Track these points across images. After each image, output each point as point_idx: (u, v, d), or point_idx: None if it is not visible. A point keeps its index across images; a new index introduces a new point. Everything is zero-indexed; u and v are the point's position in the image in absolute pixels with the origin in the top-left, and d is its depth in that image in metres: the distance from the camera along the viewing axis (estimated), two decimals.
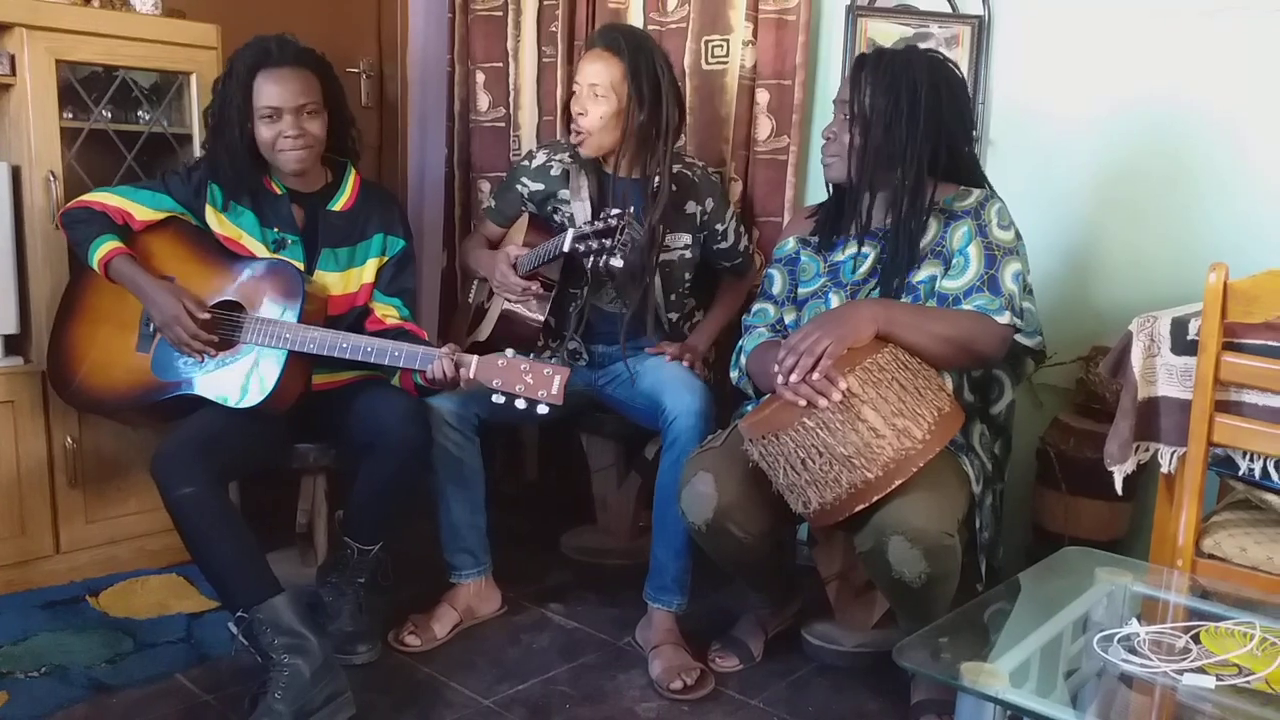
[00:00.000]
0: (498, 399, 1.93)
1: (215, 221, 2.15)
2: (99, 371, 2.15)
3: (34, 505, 2.32)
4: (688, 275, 2.43)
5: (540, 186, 2.39)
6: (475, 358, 1.96)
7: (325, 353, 2.01)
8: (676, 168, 2.31)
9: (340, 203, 2.21)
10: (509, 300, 2.31)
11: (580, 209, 2.31)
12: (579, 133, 2.24)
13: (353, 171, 2.25)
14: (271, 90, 2.06)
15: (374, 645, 2.12)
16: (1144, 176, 2.29)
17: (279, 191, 2.16)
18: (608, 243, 2.05)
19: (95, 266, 2.05)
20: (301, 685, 1.77)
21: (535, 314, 2.31)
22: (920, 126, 1.84)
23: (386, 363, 2.01)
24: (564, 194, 2.36)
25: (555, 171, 2.38)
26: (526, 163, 2.43)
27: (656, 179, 2.27)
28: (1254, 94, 2.14)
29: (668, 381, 2.21)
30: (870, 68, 1.87)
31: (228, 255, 2.14)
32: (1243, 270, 1.65)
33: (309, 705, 1.77)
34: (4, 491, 2.28)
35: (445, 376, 1.96)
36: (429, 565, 2.34)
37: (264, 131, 2.08)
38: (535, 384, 1.90)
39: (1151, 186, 2.29)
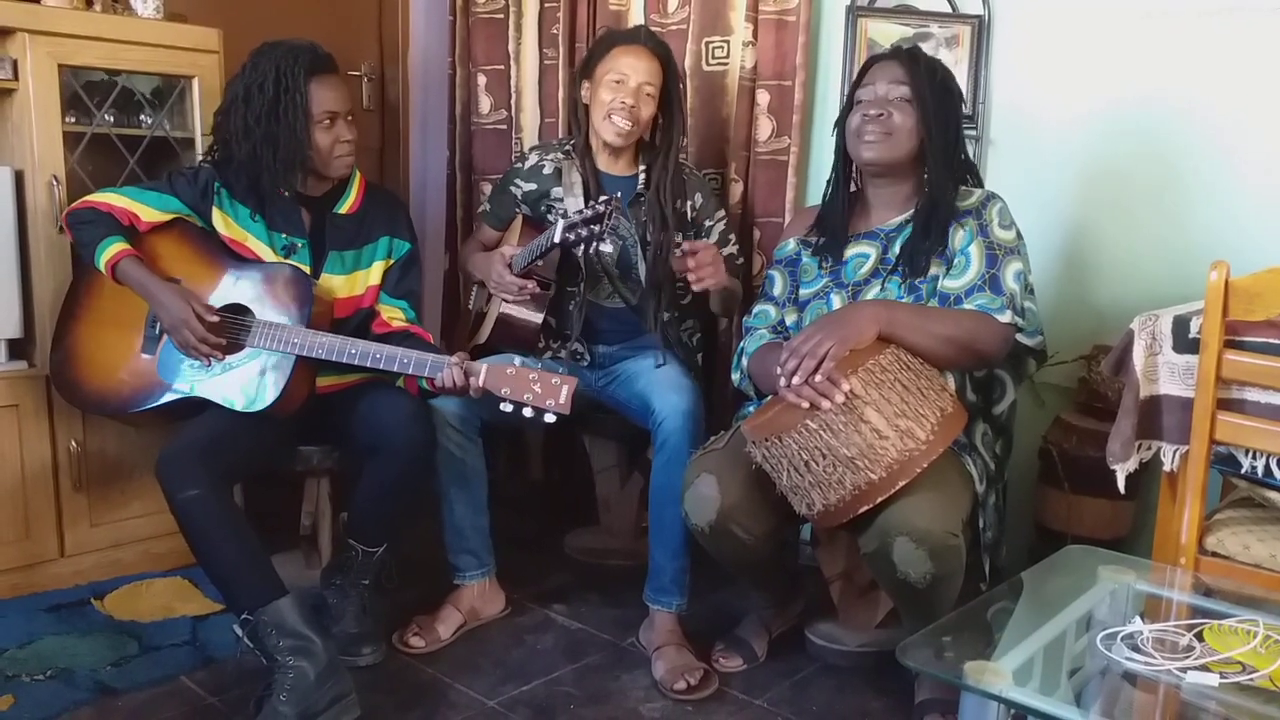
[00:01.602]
0: (505, 407, 1.93)
1: (222, 223, 2.15)
2: (103, 374, 2.16)
3: (39, 509, 2.33)
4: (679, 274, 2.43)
5: (534, 186, 2.41)
6: (485, 366, 1.95)
7: (333, 358, 2.01)
8: (669, 167, 2.34)
9: (346, 205, 2.22)
10: (506, 301, 2.32)
11: (574, 204, 2.33)
12: (630, 122, 2.26)
13: (358, 174, 2.26)
14: (329, 95, 2.09)
15: (378, 647, 2.12)
16: (1145, 175, 2.29)
17: (287, 194, 2.15)
18: (596, 229, 2.06)
19: (102, 268, 2.04)
20: (306, 687, 1.78)
21: (533, 316, 2.31)
22: (960, 124, 1.95)
23: (396, 369, 2.01)
24: (557, 191, 2.37)
25: (548, 170, 2.39)
26: (520, 165, 2.45)
27: (645, 178, 2.33)
28: (1254, 93, 2.14)
29: (657, 383, 2.22)
30: (925, 62, 1.92)
31: (234, 258, 2.14)
32: (1244, 268, 1.65)
33: (314, 707, 1.77)
34: (9, 495, 2.28)
35: (455, 385, 1.96)
36: (433, 567, 2.34)
37: (322, 137, 2.09)
38: (543, 393, 1.90)
39: (1152, 185, 2.29)
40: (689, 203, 2.38)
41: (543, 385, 1.91)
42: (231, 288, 2.11)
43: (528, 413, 1.91)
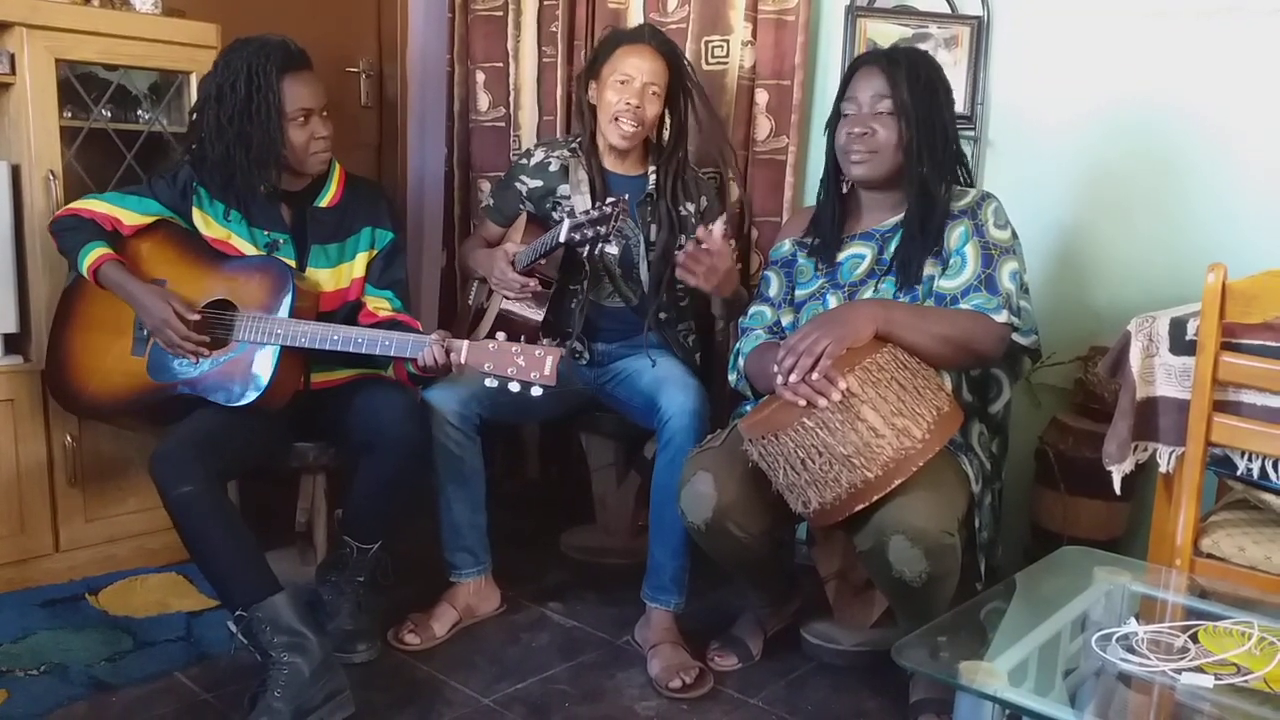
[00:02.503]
0: (490, 383, 1.92)
1: (202, 223, 2.14)
2: (96, 377, 2.15)
3: (33, 504, 2.32)
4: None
5: (539, 183, 2.40)
6: (466, 342, 1.96)
7: (317, 346, 2.01)
8: (676, 169, 2.35)
9: (327, 199, 2.21)
10: (507, 299, 2.32)
11: (581, 202, 2.33)
12: (635, 124, 2.27)
13: (337, 166, 2.25)
14: (303, 92, 2.08)
15: (373, 644, 2.12)
16: (1143, 177, 2.30)
17: (266, 190, 2.14)
18: (602, 230, 2.06)
19: (85, 273, 2.05)
20: (301, 684, 1.77)
21: (533, 313, 2.31)
22: (948, 124, 1.91)
23: (378, 352, 2.01)
24: (563, 189, 2.37)
25: (554, 168, 2.39)
26: (525, 161, 2.45)
27: (654, 178, 2.33)
28: (1251, 94, 2.15)
29: (663, 381, 2.22)
30: (904, 65, 1.90)
31: (217, 255, 2.14)
32: (1241, 271, 1.65)
33: (308, 704, 1.77)
34: (3, 490, 2.28)
35: (437, 363, 1.96)
36: (428, 564, 2.34)
37: (296, 134, 2.08)
38: (527, 365, 1.90)
39: (1150, 187, 2.29)
40: (694, 205, 2.38)
41: (526, 358, 1.90)
42: (216, 285, 2.11)
43: (514, 387, 1.91)
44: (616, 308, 2.38)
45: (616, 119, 2.26)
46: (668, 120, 2.37)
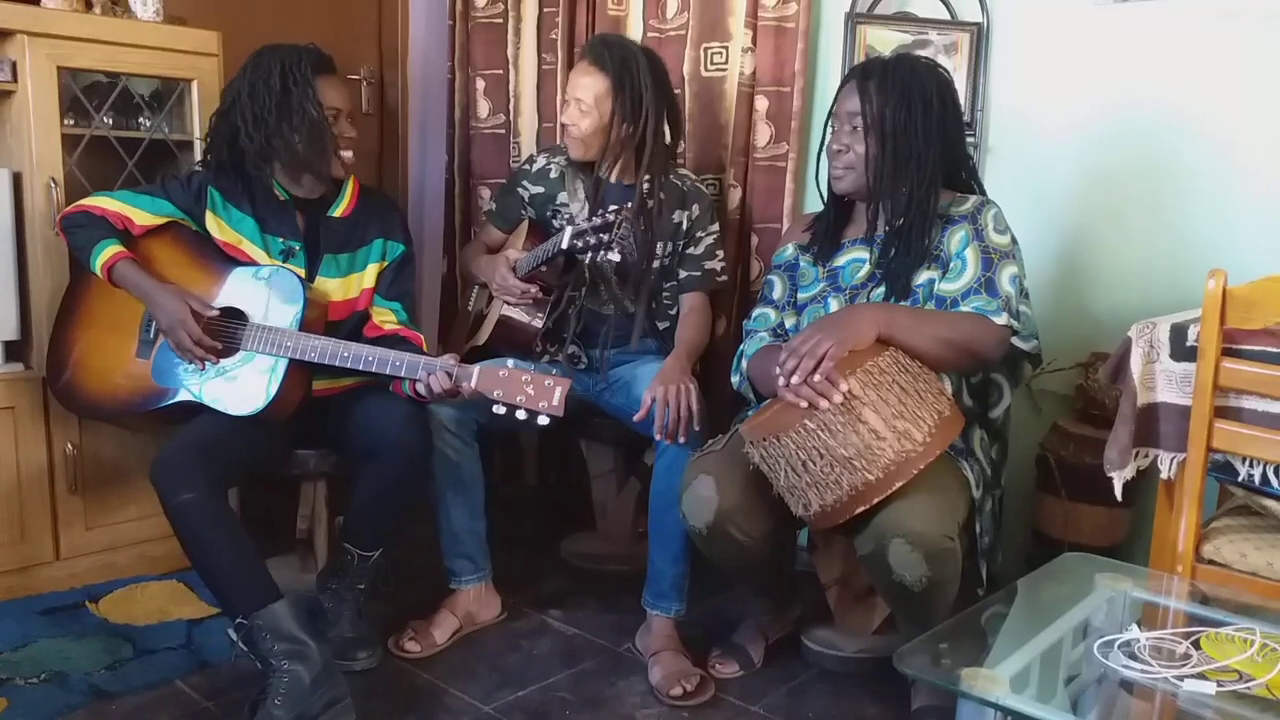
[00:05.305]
0: (498, 410, 1.93)
1: (215, 227, 2.15)
2: (98, 377, 2.15)
3: (34, 511, 2.32)
4: (665, 284, 2.42)
5: (540, 189, 2.41)
6: (476, 369, 1.95)
7: (326, 361, 2.01)
8: (667, 178, 2.33)
9: (340, 208, 2.22)
10: (508, 304, 2.32)
11: (578, 209, 2.34)
12: (572, 139, 2.30)
13: (351, 177, 2.26)
14: (333, 93, 2.12)
15: (374, 651, 2.12)
16: (1143, 183, 2.30)
17: (282, 198, 2.16)
18: (605, 237, 2.07)
19: (98, 271, 2.04)
20: (301, 691, 1.77)
21: (533, 320, 2.31)
22: (933, 133, 1.87)
23: (388, 372, 2.01)
24: (562, 197, 2.38)
25: (553, 174, 2.40)
26: (528, 167, 2.46)
27: (644, 186, 2.31)
28: (1250, 100, 2.15)
29: None
30: (879, 78, 1.88)
31: (228, 261, 2.14)
32: (1242, 276, 1.65)
33: (309, 711, 1.77)
34: (4, 497, 2.28)
35: (444, 391, 1.96)
36: (429, 571, 2.34)
37: None
38: (536, 395, 1.90)
39: (1151, 193, 2.29)
40: (686, 213, 2.37)
41: (535, 387, 1.91)
42: (226, 291, 2.11)
43: (521, 415, 1.91)
44: (610, 315, 2.38)
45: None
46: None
